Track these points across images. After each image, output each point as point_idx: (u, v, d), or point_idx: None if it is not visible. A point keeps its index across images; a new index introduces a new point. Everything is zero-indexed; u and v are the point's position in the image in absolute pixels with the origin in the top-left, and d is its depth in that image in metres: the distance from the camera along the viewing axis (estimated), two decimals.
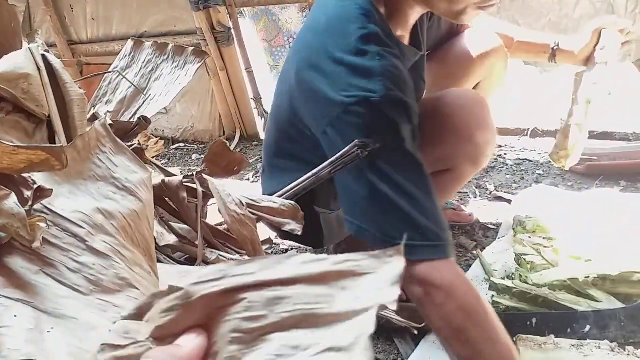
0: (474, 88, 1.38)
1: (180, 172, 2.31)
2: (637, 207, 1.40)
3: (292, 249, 1.54)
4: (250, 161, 2.30)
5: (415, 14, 1.05)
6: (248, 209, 0.74)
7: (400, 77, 0.92)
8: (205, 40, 2.27)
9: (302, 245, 1.52)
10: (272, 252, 1.50)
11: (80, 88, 0.89)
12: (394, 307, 0.26)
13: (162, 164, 2.39)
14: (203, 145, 2.59)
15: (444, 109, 1.13)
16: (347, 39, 0.94)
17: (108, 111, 0.95)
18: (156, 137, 2.70)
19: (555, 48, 1.31)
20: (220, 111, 2.52)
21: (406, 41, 1.11)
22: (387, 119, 0.89)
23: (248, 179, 2.15)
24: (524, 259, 1.26)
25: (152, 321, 0.31)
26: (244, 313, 0.30)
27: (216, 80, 2.39)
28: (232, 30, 2.30)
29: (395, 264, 0.28)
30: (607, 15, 1.67)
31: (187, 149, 2.58)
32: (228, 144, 2.43)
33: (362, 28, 0.94)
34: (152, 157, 1.35)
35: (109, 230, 0.57)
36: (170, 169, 2.32)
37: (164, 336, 0.30)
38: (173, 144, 2.66)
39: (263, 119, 2.48)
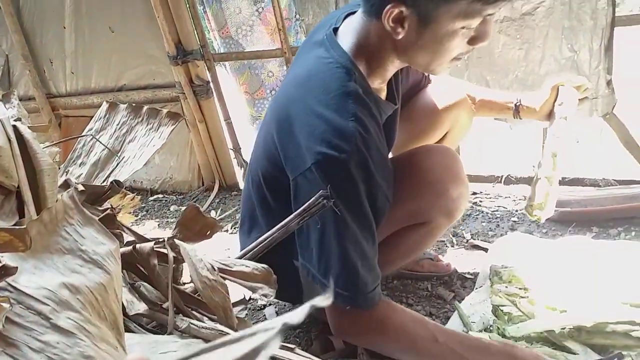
0: (441, 139, 1.41)
1: (158, 225, 2.30)
2: (608, 255, 1.42)
3: (270, 304, 1.52)
4: (229, 212, 2.29)
5: (393, 68, 1.09)
6: (220, 273, 0.74)
7: (371, 140, 0.97)
8: (184, 93, 2.30)
9: (280, 301, 1.50)
10: (247, 311, 1.48)
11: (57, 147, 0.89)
12: None
13: (140, 216, 2.39)
14: (182, 196, 2.58)
15: (418, 164, 1.16)
16: (327, 95, 0.99)
17: (81, 174, 0.95)
18: (134, 189, 2.70)
19: (517, 104, 1.36)
20: (199, 162, 2.53)
21: (383, 94, 1.15)
22: (350, 178, 0.94)
23: (227, 230, 2.14)
24: (501, 311, 1.26)
25: None
26: None
27: (195, 132, 2.41)
28: (211, 84, 2.34)
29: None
30: (571, 71, 1.74)
31: (166, 200, 2.57)
32: (208, 195, 2.44)
33: (342, 86, 0.99)
34: (128, 212, 1.35)
35: (74, 305, 0.56)
36: (147, 222, 2.31)
37: None
38: (151, 195, 2.65)
39: (242, 168, 2.50)
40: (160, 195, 2.63)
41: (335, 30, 1.08)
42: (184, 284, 1.05)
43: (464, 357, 1.01)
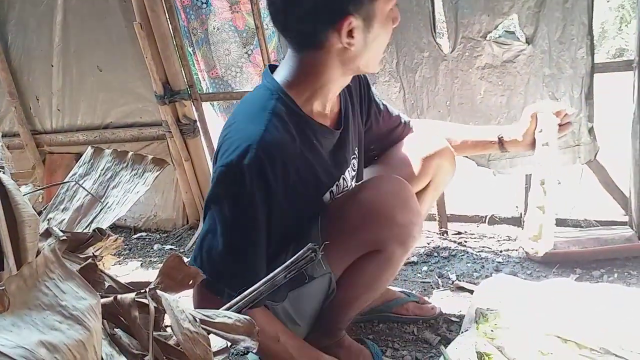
0: (424, 187, 1.41)
1: (141, 264, 2.27)
2: (590, 298, 1.43)
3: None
4: None
5: (330, 94, 1.16)
6: (202, 325, 0.73)
7: (278, 152, 1.04)
8: (171, 131, 2.31)
9: None
10: (230, 356, 1.45)
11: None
12: None
13: (123, 256, 2.35)
14: (165, 234, 2.55)
15: (366, 192, 1.17)
16: (249, 110, 1.12)
17: (63, 219, 0.94)
18: (118, 227, 2.67)
19: (501, 138, 1.41)
20: (184, 200, 2.51)
21: (327, 120, 1.19)
22: (242, 184, 1.02)
23: None
24: (485, 356, 1.26)
25: None
26: None
27: (181, 170, 2.41)
28: (198, 123, 2.35)
29: None
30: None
31: (149, 239, 2.54)
32: (192, 232, 2.41)
33: (262, 102, 1.10)
34: (111, 254, 1.33)
35: None
36: (130, 262, 2.27)
37: None
38: (135, 233, 2.61)
39: None
40: (143, 233, 2.60)
41: (275, 68, 1.18)
42: (167, 327, 1.03)
43: (294, 358, 1.15)
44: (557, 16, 1.62)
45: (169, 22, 2.19)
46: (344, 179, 1.27)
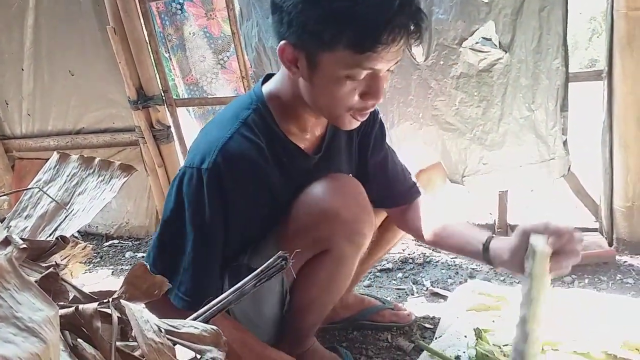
0: None
1: (112, 272, 2.22)
2: (561, 303, 1.45)
3: None
4: None
5: (309, 115, 1.12)
6: (167, 335, 0.71)
7: (240, 161, 1.04)
8: (144, 137, 2.27)
9: None
10: None
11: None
12: None
13: (94, 263, 2.30)
14: (138, 242, 2.51)
15: (314, 190, 1.14)
16: (222, 117, 1.12)
17: (26, 227, 0.91)
18: (89, 234, 2.61)
19: (486, 247, 1.11)
20: (157, 207, 2.47)
21: (305, 143, 1.17)
22: (199, 189, 1.03)
23: None
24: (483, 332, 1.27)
25: None
26: None
27: (154, 176, 2.37)
28: (172, 128, 2.32)
29: None
30: (529, 131, 1.69)
31: (121, 246, 2.49)
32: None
33: (236, 111, 1.09)
34: (80, 262, 1.29)
35: None
36: (101, 270, 2.23)
37: None
38: (107, 241, 2.56)
39: None
40: (115, 241, 2.55)
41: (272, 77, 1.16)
42: (133, 338, 1.01)
43: (236, 353, 1.10)
44: (534, 25, 1.61)
45: (143, 27, 2.16)
46: None
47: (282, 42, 0.98)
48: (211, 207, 1.04)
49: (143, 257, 2.32)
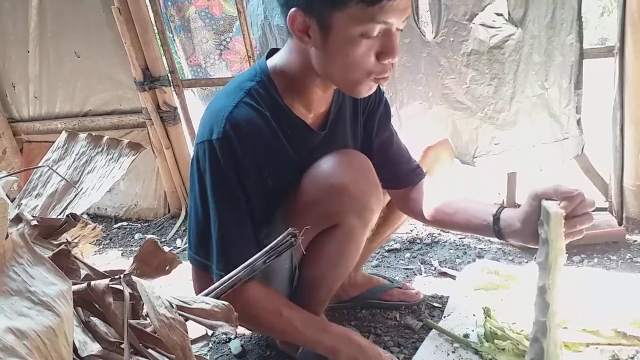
0: None
1: (122, 254, 2.23)
2: (571, 282, 1.45)
3: (236, 336, 1.48)
4: None
5: (317, 89, 1.11)
6: (179, 311, 0.72)
7: (248, 130, 1.04)
8: (151, 119, 2.27)
9: (245, 333, 1.47)
10: (212, 344, 1.44)
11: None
12: None
13: (103, 245, 2.32)
14: (147, 224, 2.52)
15: (322, 165, 1.13)
16: (227, 88, 1.12)
17: (36, 206, 0.92)
18: (98, 216, 2.63)
19: (496, 218, 1.08)
20: (165, 189, 2.48)
21: (310, 119, 1.16)
22: (215, 159, 1.03)
23: None
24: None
25: None
26: None
27: (161, 158, 2.38)
28: (179, 110, 2.32)
29: None
30: (542, 110, 1.67)
31: (130, 228, 2.51)
32: (174, 222, 2.38)
33: (241, 82, 1.10)
34: (90, 243, 1.30)
35: (20, 352, 0.53)
36: (111, 251, 2.24)
37: None
38: (116, 223, 2.58)
39: None
40: (124, 223, 2.56)
41: (276, 51, 1.15)
42: (146, 316, 1.02)
43: (300, 332, 1.11)
44: None
45: (149, 7, 2.14)
46: None
47: (292, 9, 0.97)
48: (230, 175, 1.04)
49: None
